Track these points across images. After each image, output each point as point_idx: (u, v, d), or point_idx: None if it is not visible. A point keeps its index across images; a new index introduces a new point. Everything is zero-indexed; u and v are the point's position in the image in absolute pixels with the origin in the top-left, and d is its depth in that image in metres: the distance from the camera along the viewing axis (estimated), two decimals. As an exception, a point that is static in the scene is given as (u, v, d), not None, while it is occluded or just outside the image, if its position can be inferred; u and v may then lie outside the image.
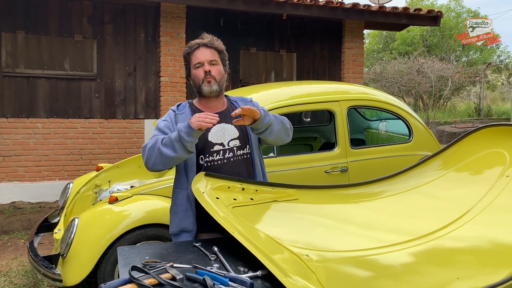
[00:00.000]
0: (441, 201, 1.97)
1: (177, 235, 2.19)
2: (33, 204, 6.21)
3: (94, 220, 3.22)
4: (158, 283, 1.44)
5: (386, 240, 1.77)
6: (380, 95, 4.32)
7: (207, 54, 2.18)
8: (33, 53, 6.23)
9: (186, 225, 2.15)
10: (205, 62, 2.16)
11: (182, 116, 2.22)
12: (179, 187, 2.20)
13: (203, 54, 2.17)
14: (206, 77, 2.16)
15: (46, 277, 3.18)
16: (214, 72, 2.17)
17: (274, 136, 2.17)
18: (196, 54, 2.18)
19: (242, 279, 1.45)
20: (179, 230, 2.16)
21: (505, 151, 2.06)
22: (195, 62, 2.18)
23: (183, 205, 2.15)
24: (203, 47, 2.18)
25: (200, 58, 2.17)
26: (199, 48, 2.18)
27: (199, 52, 2.18)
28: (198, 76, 2.18)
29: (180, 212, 2.17)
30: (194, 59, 2.18)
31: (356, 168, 3.83)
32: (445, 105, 18.05)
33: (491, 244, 1.69)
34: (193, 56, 2.19)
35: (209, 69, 2.16)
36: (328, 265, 1.55)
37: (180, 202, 2.17)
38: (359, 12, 7.26)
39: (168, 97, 6.69)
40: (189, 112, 2.23)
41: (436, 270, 1.58)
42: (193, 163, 2.17)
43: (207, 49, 2.18)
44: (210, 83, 2.16)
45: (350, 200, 2.09)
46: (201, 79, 2.16)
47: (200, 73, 2.17)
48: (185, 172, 2.18)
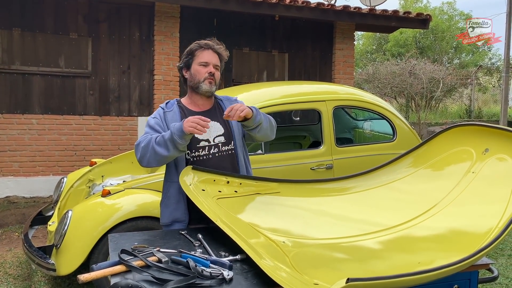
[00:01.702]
0: (411, 196, 2.12)
1: (169, 226, 2.29)
2: (27, 199, 6.32)
3: (87, 213, 3.35)
4: (145, 265, 1.58)
5: (358, 230, 1.92)
6: (366, 96, 4.47)
7: (214, 58, 2.33)
8: (28, 50, 6.33)
9: (178, 216, 2.26)
10: (211, 64, 2.31)
11: (171, 114, 2.33)
12: (170, 180, 2.31)
13: (211, 57, 2.32)
14: (208, 78, 2.29)
15: (40, 266, 3.30)
16: (216, 76, 2.33)
17: (262, 133, 2.32)
18: (205, 54, 2.31)
19: (222, 262, 1.59)
20: (172, 220, 2.27)
21: (472, 149, 2.21)
22: (201, 60, 2.30)
23: (175, 197, 2.27)
24: (212, 51, 2.33)
25: (208, 58, 2.31)
26: (209, 50, 2.32)
27: (208, 53, 2.31)
28: (200, 73, 2.30)
29: (171, 204, 2.28)
30: (202, 57, 2.31)
31: (341, 165, 3.97)
32: (437, 106, 18.26)
33: (452, 233, 1.84)
34: (201, 54, 2.31)
35: (214, 72, 2.31)
36: (301, 250, 1.69)
37: (172, 195, 2.28)
38: (349, 14, 7.41)
39: (162, 95, 6.82)
40: (177, 110, 2.35)
41: (400, 256, 1.72)
42: (182, 158, 2.29)
43: (215, 54, 2.33)
44: (211, 83, 2.30)
45: (327, 193, 2.23)
46: (203, 77, 2.30)
47: (203, 72, 2.29)
48: (175, 167, 2.29)
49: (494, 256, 4.29)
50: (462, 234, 1.82)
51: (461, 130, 2.29)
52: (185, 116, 2.33)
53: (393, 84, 15.08)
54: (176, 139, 2.07)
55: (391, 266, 1.60)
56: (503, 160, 2.02)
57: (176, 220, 2.27)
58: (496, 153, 2.09)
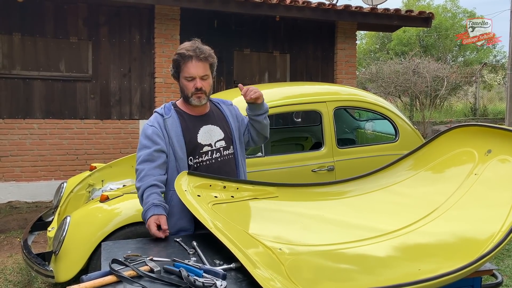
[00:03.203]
0: (411, 199, 2.07)
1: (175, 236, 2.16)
2: (29, 204, 6.31)
3: (85, 218, 3.31)
4: (136, 275, 1.54)
5: (357, 236, 1.87)
6: (368, 96, 4.41)
7: (199, 69, 2.15)
8: (29, 55, 6.32)
9: (183, 225, 2.17)
10: (197, 77, 2.15)
11: (170, 121, 2.23)
12: (172, 189, 2.14)
13: (195, 69, 2.15)
14: (196, 93, 2.17)
15: (39, 273, 3.27)
16: (205, 87, 2.18)
17: (264, 125, 2.37)
18: (188, 67, 2.15)
19: (216, 271, 1.55)
20: (177, 230, 2.16)
21: (475, 150, 2.15)
22: (186, 75, 2.17)
23: (178, 206, 2.14)
24: (196, 60, 2.14)
25: (193, 72, 2.15)
26: (192, 61, 2.14)
27: (192, 66, 2.15)
28: (188, 88, 2.18)
29: (176, 213, 2.17)
30: (186, 71, 2.16)
31: (343, 167, 3.92)
32: (441, 105, 18.13)
33: (454, 238, 1.79)
34: (185, 67, 2.16)
35: (201, 85, 2.16)
36: (298, 257, 1.64)
37: (176, 203, 2.17)
38: (351, 14, 7.35)
39: (163, 97, 6.78)
40: (176, 116, 2.25)
41: (399, 263, 1.67)
42: (185, 166, 2.20)
43: (200, 63, 2.15)
44: (200, 98, 2.19)
45: (326, 197, 2.18)
46: (190, 92, 2.18)
47: (190, 87, 2.17)
48: (177, 174, 2.16)
49: (501, 258, 4.22)
50: (464, 239, 1.77)
51: (462, 131, 2.24)
52: (184, 123, 2.25)
53: (397, 83, 14.98)
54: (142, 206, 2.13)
55: (390, 273, 1.55)
56: (506, 162, 1.96)
57: (181, 229, 2.17)
58: (498, 154, 2.04)
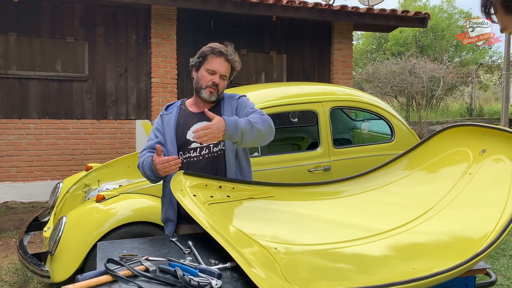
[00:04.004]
0: (406, 199, 2.07)
1: (164, 224, 2.38)
2: (25, 204, 6.29)
3: (81, 218, 3.31)
4: (132, 275, 1.54)
5: (352, 235, 1.87)
6: (364, 97, 4.42)
7: (223, 67, 2.24)
8: (25, 55, 6.31)
9: (169, 215, 2.33)
10: (218, 73, 2.24)
11: (168, 117, 2.35)
12: (165, 180, 2.34)
13: (220, 65, 2.24)
14: (210, 87, 2.24)
15: (35, 274, 3.27)
16: (221, 86, 2.26)
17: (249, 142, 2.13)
18: (215, 61, 2.24)
19: (211, 270, 1.55)
20: (165, 219, 2.35)
21: (469, 150, 2.16)
22: (209, 67, 2.24)
23: (168, 196, 2.31)
24: (223, 59, 2.24)
25: (216, 67, 2.23)
26: (221, 58, 2.24)
27: (218, 61, 2.24)
28: (205, 79, 2.25)
29: (166, 203, 2.35)
30: (211, 63, 2.24)
31: (339, 167, 3.93)
32: (437, 105, 18.20)
33: (448, 238, 1.80)
34: (212, 60, 2.24)
35: (218, 82, 2.24)
36: (293, 257, 1.65)
37: (166, 194, 2.34)
38: (347, 14, 7.37)
39: (159, 98, 6.78)
40: (176, 112, 2.34)
41: (394, 262, 1.68)
42: None
43: (226, 63, 2.25)
44: (212, 93, 2.26)
45: (321, 197, 2.19)
46: (205, 84, 2.24)
47: (208, 79, 2.24)
48: None
49: (496, 257, 4.24)
50: (458, 239, 1.78)
51: (457, 130, 2.25)
52: (181, 119, 2.33)
53: (393, 83, 15.01)
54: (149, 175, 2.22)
55: (385, 273, 1.56)
56: (500, 161, 1.97)
57: (168, 219, 2.34)
58: (493, 154, 2.05)
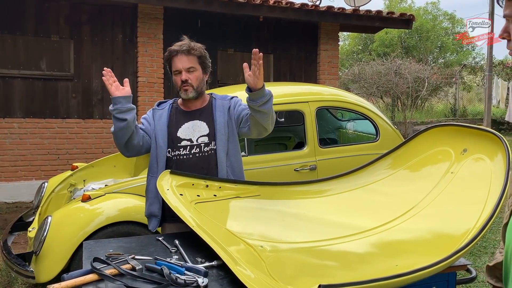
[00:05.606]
0: (389, 198, 2.11)
1: (148, 219, 2.37)
2: (9, 204, 6.21)
3: (67, 218, 3.29)
4: (118, 273, 1.55)
5: (336, 233, 1.90)
6: (350, 97, 4.47)
7: (184, 62, 2.27)
8: (9, 53, 6.22)
9: (153, 210, 2.33)
10: (183, 70, 2.26)
11: (160, 112, 2.38)
12: (150, 174, 2.36)
13: (181, 62, 2.27)
14: (182, 85, 2.27)
15: (20, 274, 3.24)
16: (192, 79, 2.27)
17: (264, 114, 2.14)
18: (175, 61, 2.28)
19: (198, 269, 1.57)
20: (149, 214, 2.36)
21: (451, 149, 2.21)
22: (174, 69, 2.30)
23: (153, 191, 2.30)
24: (181, 54, 2.27)
25: (178, 66, 2.27)
26: (178, 55, 2.27)
27: (177, 60, 2.27)
28: (176, 82, 2.31)
29: (150, 197, 2.35)
30: (173, 66, 2.29)
31: (325, 166, 3.97)
32: (422, 105, 18.42)
33: (431, 235, 1.84)
34: (173, 62, 2.29)
35: (186, 77, 2.26)
36: (278, 254, 1.67)
37: (151, 189, 2.33)
38: (333, 15, 7.42)
39: (146, 97, 6.75)
40: (168, 109, 2.38)
41: (378, 259, 1.71)
42: (163, 154, 2.31)
43: (185, 56, 2.27)
44: (186, 91, 2.28)
45: (307, 196, 2.22)
46: (178, 86, 2.30)
47: (178, 81, 2.28)
48: (156, 161, 2.33)
49: (478, 255, 4.32)
50: (440, 236, 1.82)
51: (440, 130, 2.29)
52: (173, 116, 2.37)
53: (379, 84, 15.15)
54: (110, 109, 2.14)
55: (369, 269, 1.59)
56: (480, 160, 2.02)
57: (152, 215, 2.35)
58: (474, 153, 2.10)
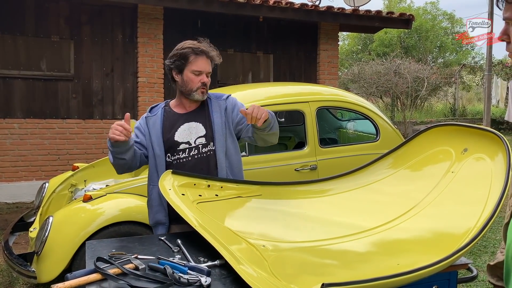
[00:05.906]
0: (390, 197, 2.12)
1: (154, 227, 2.36)
2: (10, 205, 6.22)
3: (68, 218, 3.30)
4: (121, 273, 1.55)
5: (337, 233, 1.91)
6: (350, 97, 4.49)
7: (207, 66, 2.26)
8: (9, 54, 6.23)
9: (159, 218, 2.31)
10: (205, 73, 2.25)
11: (153, 119, 2.33)
12: (152, 183, 2.33)
13: (204, 65, 2.24)
14: (201, 87, 2.26)
15: (21, 274, 3.25)
16: (208, 84, 2.29)
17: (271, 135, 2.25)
18: (199, 61, 2.23)
19: (200, 268, 1.57)
20: (155, 222, 2.33)
21: (452, 149, 2.22)
22: (195, 68, 2.23)
23: (156, 200, 2.30)
24: (205, 57, 2.25)
25: (202, 67, 2.24)
26: (203, 56, 2.24)
27: (202, 61, 2.24)
28: (193, 82, 2.25)
29: (154, 206, 2.32)
30: (195, 65, 2.23)
31: (325, 166, 3.98)
32: (422, 105, 18.45)
33: (432, 234, 1.85)
34: (195, 61, 2.23)
35: (207, 81, 2.26)
36: (280, 254, 1.68)
37: (154, 197, 2.32)
38: (333, 15, 7.44)
39: (146, 97, 6.77)
40: (161, 114, 2.33)
41: (379, 258, 1.72)
42: (162, 163, 2.29)
43: (208, 60, 2.26)
44: (203, 93, 2.28)
45: (308, 195, 2.23)
46: (196, 86, 2.25)
47: (197, 81, 2.24)
48: (155, 170, 2.30)
49: (478, 254, 4.33)
50: (441, 235, 1.83)
51: (440, 130, 2.30)
52: (167, 121, 2.33)
53: (378, 84, 15.17)
54: (108, 147, 2.13)
55: (370, 268, 1.60)
56: (481, 160, 2.03)
57: (158, 223, 2.32)
58: (474, 153, 2.10)
